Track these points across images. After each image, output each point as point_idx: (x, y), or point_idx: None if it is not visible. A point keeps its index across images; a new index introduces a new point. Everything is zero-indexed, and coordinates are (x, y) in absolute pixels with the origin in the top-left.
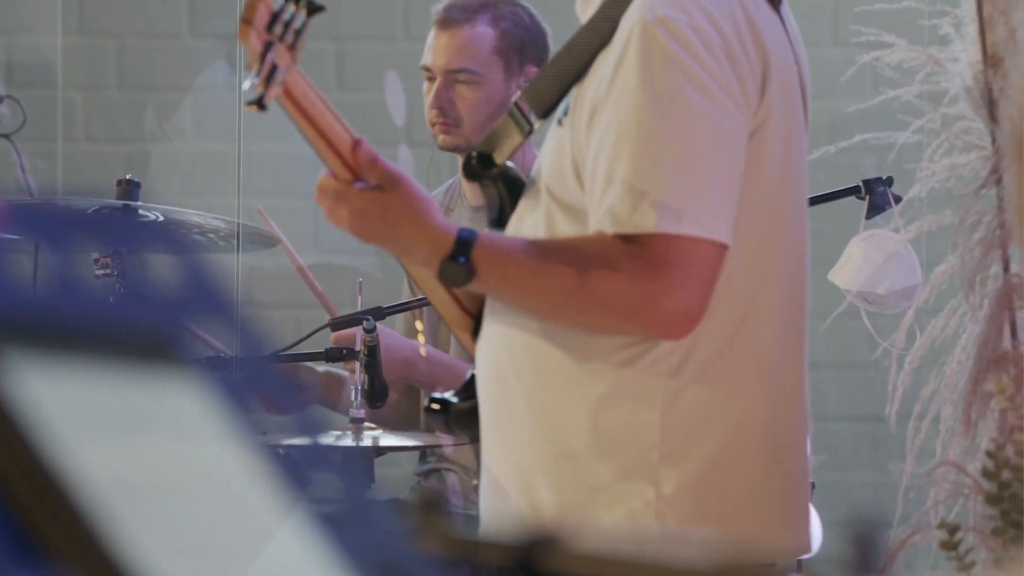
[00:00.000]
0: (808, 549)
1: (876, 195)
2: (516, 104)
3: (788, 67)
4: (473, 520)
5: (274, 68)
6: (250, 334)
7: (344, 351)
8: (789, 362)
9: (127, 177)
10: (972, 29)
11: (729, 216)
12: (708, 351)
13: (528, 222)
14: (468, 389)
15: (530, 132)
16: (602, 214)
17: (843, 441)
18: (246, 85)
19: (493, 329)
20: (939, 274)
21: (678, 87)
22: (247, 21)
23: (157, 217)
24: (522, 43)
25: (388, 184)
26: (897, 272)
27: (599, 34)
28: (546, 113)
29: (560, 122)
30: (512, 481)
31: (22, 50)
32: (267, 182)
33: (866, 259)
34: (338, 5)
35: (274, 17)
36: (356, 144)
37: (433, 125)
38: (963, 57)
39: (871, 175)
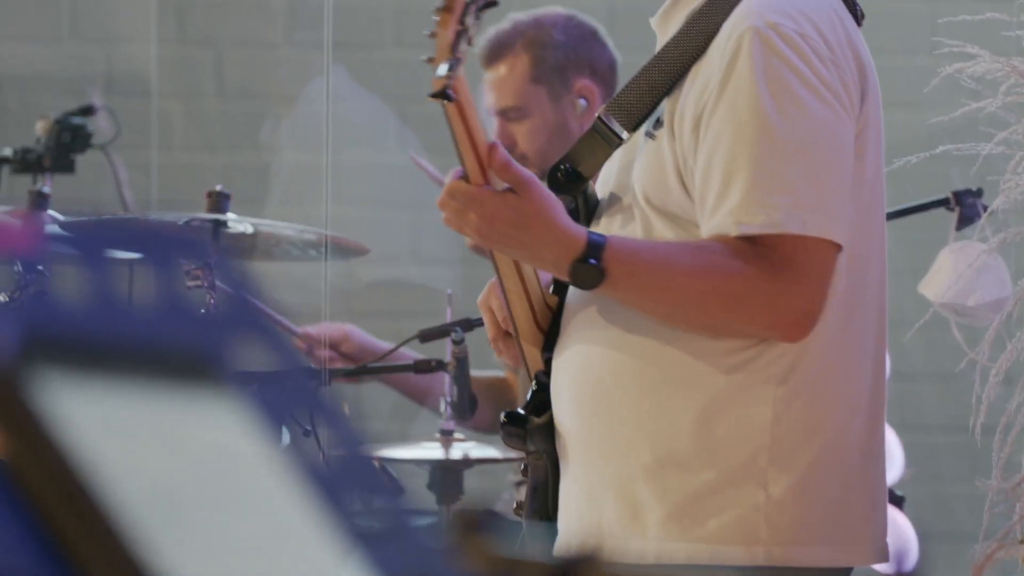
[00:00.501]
0: (886, 558)
1: (966, 206)
2: (600, 118)
3: (876, 80)
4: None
5: (460, 62)
6: (291, 353)
7: (433, 363)
8: (879, 368)
9: (217, 189)
10: None
11: (845, 218)
12: (816, 353)
13: (622, 234)
14: (536, 405)
15: (618, 145)
16: (722, 216)
17: (932, 454)
18: (442, 71)
19: (588, 339)
20: (1022, 287)
21: (794, 90)
22: (448, 9)
23: (245, 230)
24: (560, 63)
25: (520, 187)
26: (987, 284)
27: (691, 46)
28: (636, 126)
29: (651, 134)
30: (609, 490)
31: (118, 60)
32: (357, 192)
33: (956, 271)
34: None
35: (466, 7)
36: (492, 147)
37: None
38: None
39: (960, 186)
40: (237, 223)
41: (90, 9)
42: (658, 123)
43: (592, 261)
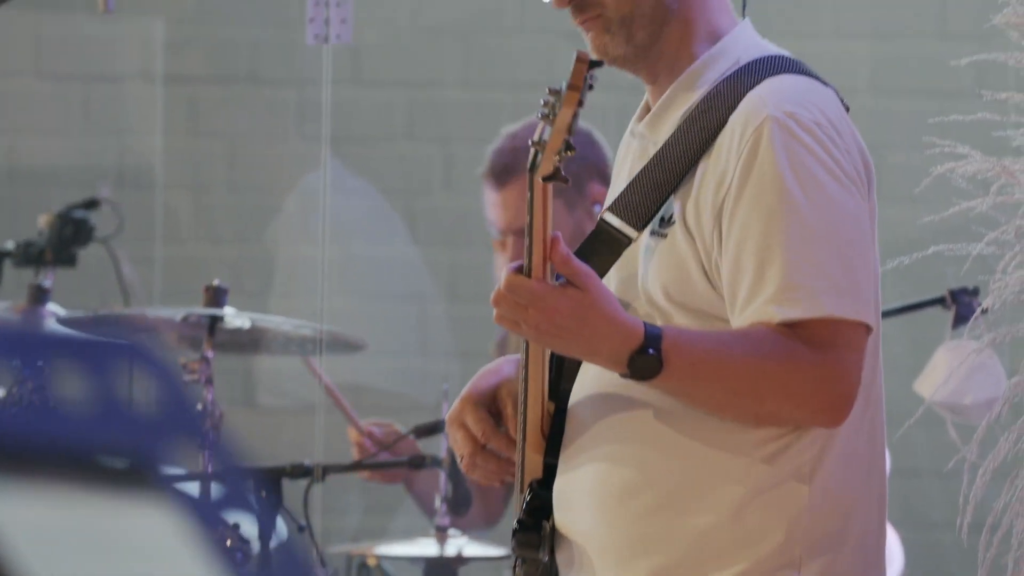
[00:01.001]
0: None
1: (962, 305)
2: (604, 221)
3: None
4: None
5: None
6: (229, 452)
7: (430, 459)
8: (883, 461)
9: (215, 283)
10: None
11: (873, 301)
12: (843, 439)
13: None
14: (534, 512)
15: (628, 245)
16: (760, 305)
17: (931, 551)
18: (560, 151)
19: (609, 439)
20: (1014, 386)
21: (818, 177)
22: (575, 87)
23: (242, 325)
24: (573, 173)
25: (580, 280)
26: (982, 383)
27: (694, 144)
28: (645, 224)
29: (659, 234)
30: None
31: (128, 152)
32: (358, 285)
33: (951, 369)
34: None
35: (589, 84)
36: (555, 240)
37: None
38: None
39: (955, 285)
40: (234, 318)
41: (103, 101)
42: (663, 222)
43: (651, 351)
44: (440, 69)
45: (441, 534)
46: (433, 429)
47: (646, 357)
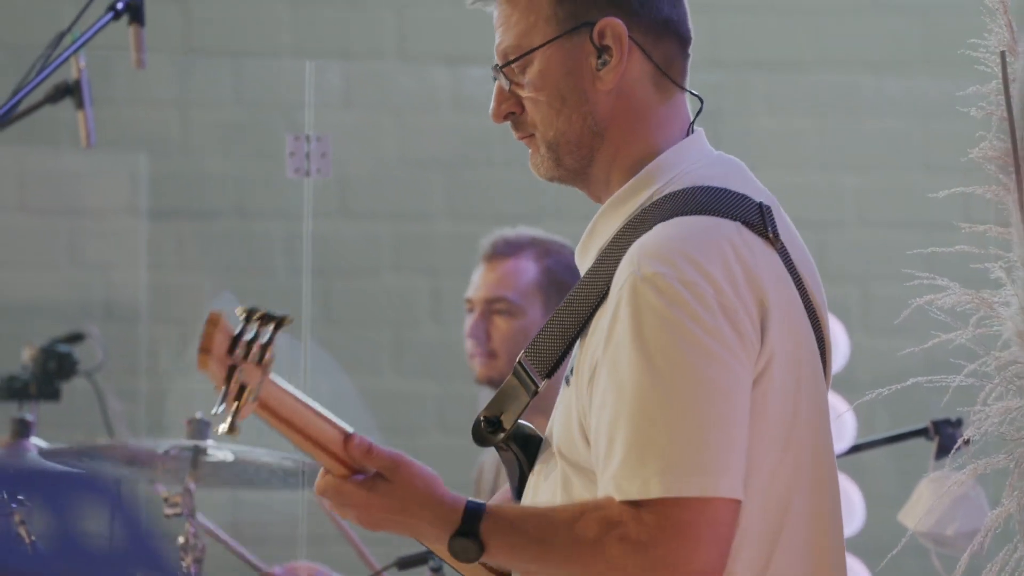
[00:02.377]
0: None
1: (945, 436)
2: (520, 363)
3: (790, 302)
4: None
5: (242, 388)
6: None
7: (419, 558)
8: None
9: (197, 416)
10: None
11: (737, 470)
12: None
13: (544, 488)
14: None
15: (535, 394)
16: (607, 480)
17: None
18: (215, 411)
19: None
20: (994, 517)
21: (671, 346)
22: (205, 350)
23: (225, 458)
24: (562, 282)
25: (389, 470)
26: (966, 514)
27: (595, 289)
28: (550, 373)
29: (567, 381)
30: None
31: (112, 287)
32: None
33: (935, 500)
34: None
35: (234, 341)
36: (347, 439)
37: (472, 357)
38: (1015, 301)
39: (939, 416)
40: (216, 450)
41: (87, 237)
42: (572, 371)
43: (471, 535)
44: (426, 201)
45: None
46: (418, 561)
47: (465, 540)
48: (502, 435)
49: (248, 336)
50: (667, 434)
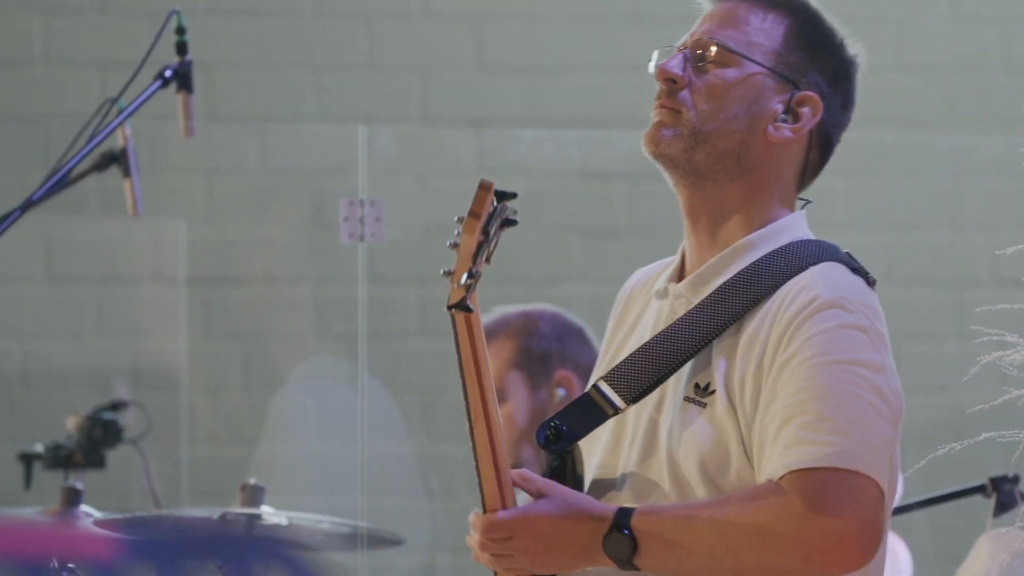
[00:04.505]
0: None
1: (1003, 493)
2: (597, 388)
3: None
4: None
5: (479, 275)
6: None
7: None
8: None
9: (251, 482)
10: None
11: (887, 474)
12: None
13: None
14: None
15: (614, 414)
16: (773, 458)
17: None
18: (462, 280)
19: None
20: None
21: (859, 359)
22: (475, 215)
23: (280, 523)
24: (544, 352)
25: (546, 490)
26: None
27: (727, 314)
28: (637, 399)
29: (696, 401)
30: None
31: (145, 354)
32: (388, 481)
33: (994, 557)
34: None
35: (490, 216)
36: (521, 475)
37: None
38: None
39: (997, 472)
40: (272, 516)
41: (115, 304)
42: (700, 390)
43: (625, 531)
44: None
45: None
46: None
47: (619, 536)
48: (572, 443)
49: (494, 222)
50: (841, 416)
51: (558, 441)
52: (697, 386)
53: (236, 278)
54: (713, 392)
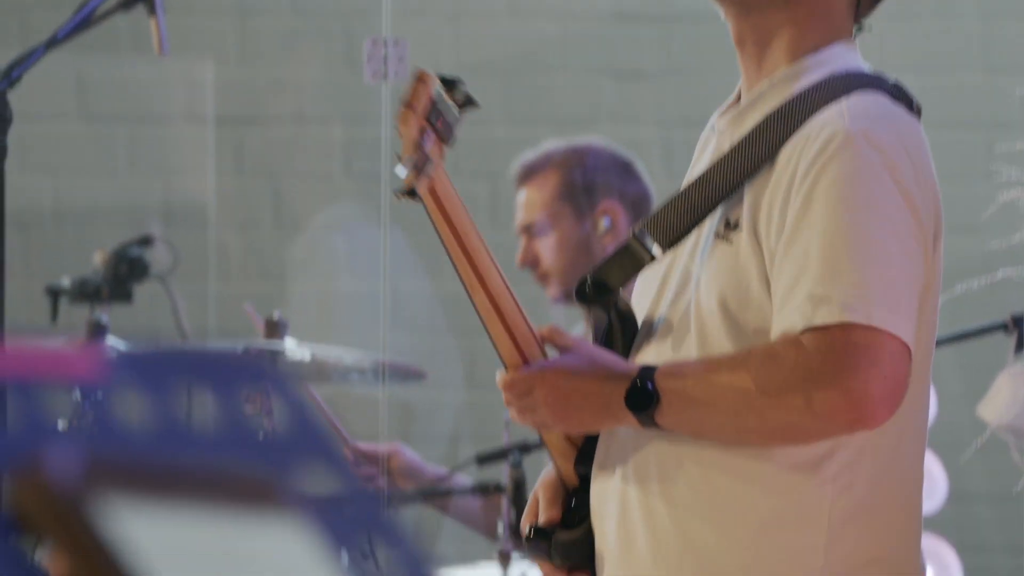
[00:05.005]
0: None
1: None
2: (635, 234)
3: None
4: None
5: (427, 159)
6: (353, 476)
7: (492, 487)
8: (919, 488)
9: (275, 317)
10: None
11: (913, 323)
12: (875, 467)
13: (674, 355)
14: (569, 518)
15: (650, 261)
16: (790, 310)
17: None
18: (399, 172)
19: (635, 463)
20: None
21: (874, 193)
22: (409, 105)
23: (302, 357)
24: (588, 183)
25: (572, 346)
26: None
27: (765, 148)
28: (672, 244)
29: (723, 237)
30: None
31: (175, 192)
32: (412, 318)
33: (1014, 394)
34: None
35: (433, 104)
36: (548, 331)
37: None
38: None
39: (1018, 310)
40: (295, 351)
41: (147, 143)
42: (729, 225)
43: (649, 385)
44: (485, 106)
45: (504, 558)
46: (496, 456)
47: (643, 390)
48: (610, 297)
49: (443, 107)
50: (859, 269)
51: (596, 294)
52: (727, 223)
53: (264, 118)
54: (739, 228)
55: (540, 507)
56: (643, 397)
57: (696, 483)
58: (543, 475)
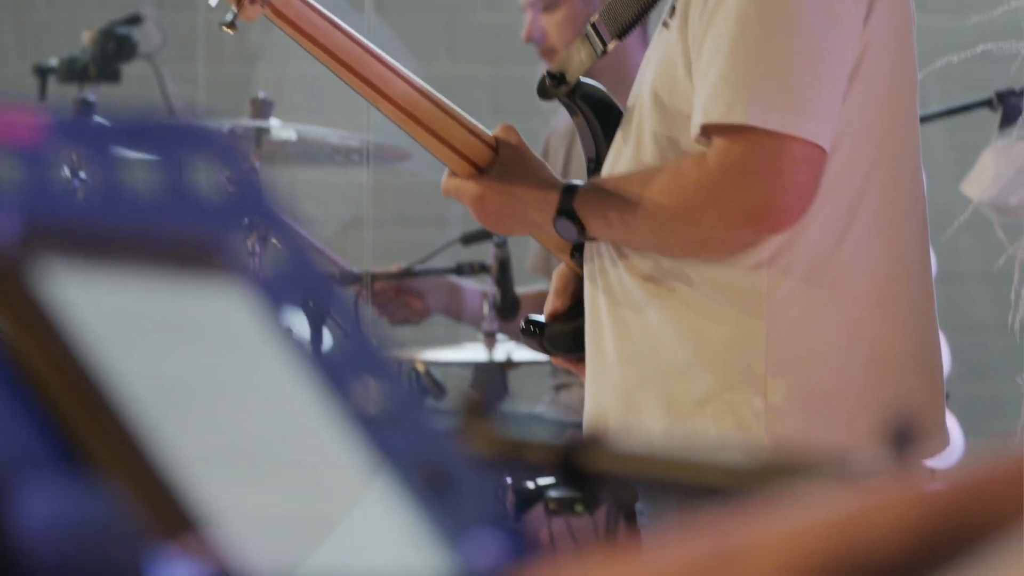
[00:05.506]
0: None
1: (1009, 106)
2: (593, 25)
3: None
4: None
5: None
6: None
7: (477, 266)
8: (902, 271)
9: (260, 96)
10: None
11: (826, 118)
12: (812, 257)
13: (626, 151)
14: (570, 312)
15: (604, 52)
16: (696, 111)
17: (979, 353)
18: (212, 2)
19: (601, 253)
20: None
21: None
22: None
23: (288, 136)
24: None
25: (503, 152)
26: None
27: None
28: (622, 33)
29: (666, 24)
30: (616, 402)
31: None
32: None
33: (998, 170)
34: None
35: None
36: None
37: (542, 55)
38: None
39: (1003, 86)
40: (280, 130)
41: None
42: (672, 11)
43: (571, 214)
44: None
45: (490, 339)
46: (481, 236)
47: (564, 221)
48: (564, 88)
49: None
50: (762, 67)
51: (555, 86)
52: (672, 9)
53: None
54: (675, 14)
55: (549, 295)
56: (568, 229)
57: (645, 279)
58: (561, 264)
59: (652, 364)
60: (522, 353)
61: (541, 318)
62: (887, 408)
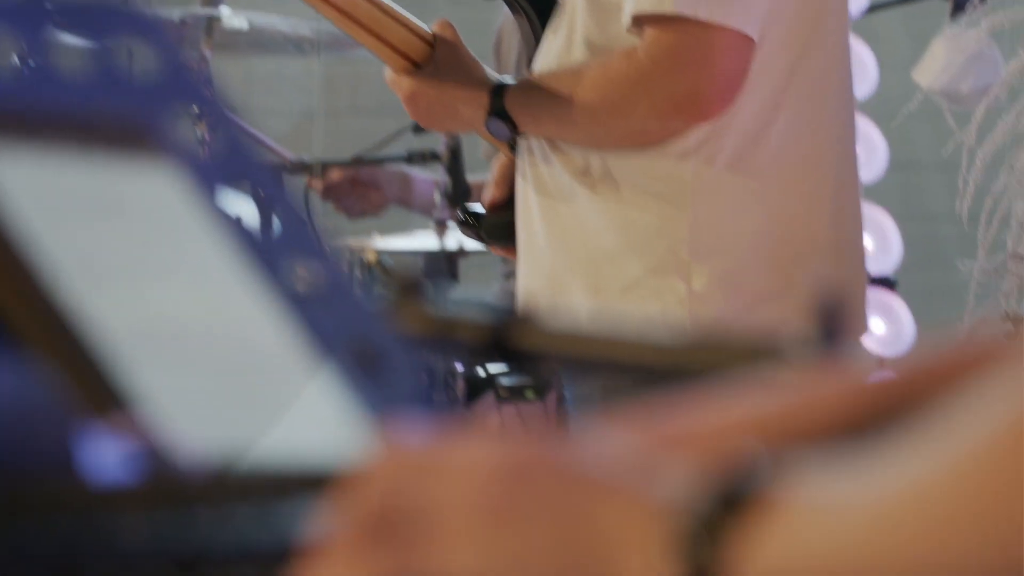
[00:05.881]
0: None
1: None
2: None
3: None
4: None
5: None
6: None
7: (428, 154)
8: (827, 161)
9: None
10: None
11: (754, 9)
12: (737, 146)
13: (554, 43)
14: (509, 202)
15: None
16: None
17: (932, 241)
18: None
19: (532, 149)
20: (1012, 70)
21: None
22: None
23: (240, 25)
24: None
25: (437, 51)
26: (980, 70)
27: None
28: None
29: None
30: (544, 284)
31: None
32: None
33: (949, 58)
34: None
35: None
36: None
37: None
38: None
39: None
40: (231, 18)
41: None
42: None
43: (502, 114)
44: None
45: (441, 227)
46: (427, 156)
47: (495, 121)
48: None
49: None
50: None
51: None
52: None
53: None
54: None
55: (487, 185)
56: (500, 129)
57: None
58: (500, 154)
59: (580, 250)
60: (474, 242)
61: (479, 208)
62: (810, 292)
